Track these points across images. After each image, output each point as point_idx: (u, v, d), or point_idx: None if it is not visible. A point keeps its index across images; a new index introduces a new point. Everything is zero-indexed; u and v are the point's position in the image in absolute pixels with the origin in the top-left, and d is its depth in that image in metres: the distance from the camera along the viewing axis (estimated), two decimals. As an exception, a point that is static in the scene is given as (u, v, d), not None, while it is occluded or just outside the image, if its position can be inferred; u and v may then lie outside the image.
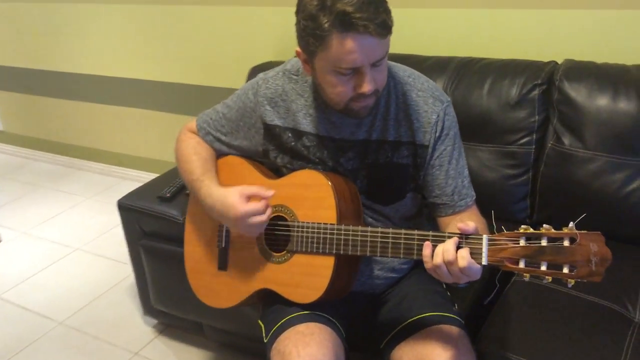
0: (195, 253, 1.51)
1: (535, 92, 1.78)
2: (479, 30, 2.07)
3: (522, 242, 1.04)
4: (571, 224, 1.02)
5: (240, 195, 1.30)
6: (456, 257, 1.06)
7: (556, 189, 1.75)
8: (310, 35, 1.13)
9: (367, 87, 1.16)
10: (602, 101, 1.67)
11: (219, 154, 1.49)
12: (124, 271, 2.56)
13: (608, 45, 1.86)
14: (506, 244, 1.05)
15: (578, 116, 1.70)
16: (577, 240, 0.99)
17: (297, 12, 1.17)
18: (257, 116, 1.38)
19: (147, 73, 3.08)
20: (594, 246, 0.99)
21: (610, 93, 1.66)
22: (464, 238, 1.08)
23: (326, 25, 1.09)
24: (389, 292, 1.44)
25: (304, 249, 1.30)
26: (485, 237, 1.07)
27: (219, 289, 1.46)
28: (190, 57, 2.87)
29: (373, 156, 1.33)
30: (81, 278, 2.56)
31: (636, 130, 1.63)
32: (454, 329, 1.28)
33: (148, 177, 3.33)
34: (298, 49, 1.22)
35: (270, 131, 1.38)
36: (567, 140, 1.72)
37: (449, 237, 1.10)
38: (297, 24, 1.17)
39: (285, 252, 1.33)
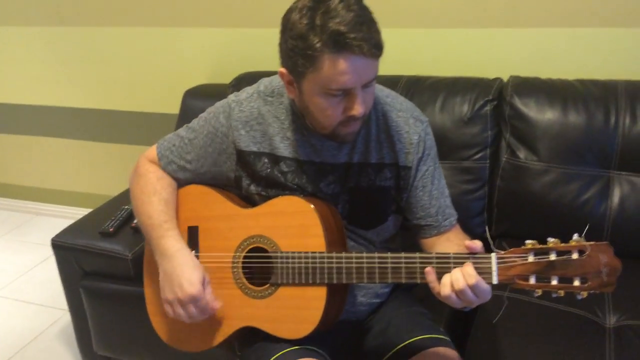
0: (156, 296, 1.37)
1: (487, 108, 1.81)
2: (422, 50, 2.10)
3: (531, 258, 1.02)
4: (576, 236, 1.01)
5: (203, 280, 1.23)
6: (463, 276, 1.03)
7: (513, 202, 1.78)
8: (300, 56, 1.07)
9: (358, 110, 1.11)
10: (553, 115, 1.73)
11: (182, 184, 1.38)
12: (51, 316, 2.33)
13: (549, 61, 1.94)
14: (515, 261, 1.03)
15: (531, 130, 1.75)
16: (587, 252, 0.99)
17: (283, 32, 1.10)
18: (230, 141, 1.29)
19: (62, 99, 2.85)
20: (604, 257, 0.99)
21: (560, 107, 1.73)
22: (471, 257, 1.05)
23: (318, 45, 1.04)
24: (372, 317, 1.38)
25: (290, 281, 1.21)
26: (494, 255, 1.04)
27: (190, 331, 1.33)
28: (114, 81, 2.69)
29: (355, 179, 1.28)
30: (2, 328, 2.30)
31: (587, 141, 1.69)
32: (448, 352, 1.24)
33: (68, 211, 3.09)
34: (282, 69, 1.15)
35: (244, 157, 1.29)
36: (521, 153, 1.76)
37: (455, 258, 1.07)
38: (284, 43, 1.11)
39: (268, 285, 1.24)
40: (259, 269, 1.26)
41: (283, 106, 1.28)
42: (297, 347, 1.21)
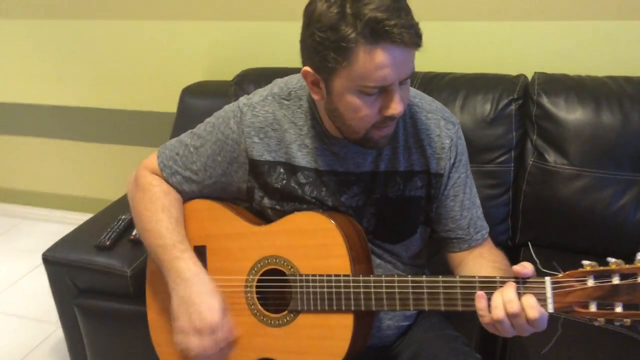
0: (162, 322, 1.24)
1: (512, 107, 1.69)
2: (437, 44, 1.96)
3: (591, 282, 0.90)
4: (639, 256, 0.89)
5: (224, 308, 1.10)
6: (522, 308, 0.90)
7: (540, 208, 1.66)
8: (331, 49, 0.94)
9: (397, 108, 0.98)
10: (585, 115, 1.60)
11: (187, 198, 1.24)
12: (43, 331, 2.19)
13: (575, 57, 1.82)
14: (573, 286, 0.90)
15: (560, 131, 1.63)
16: (656, 276, 0.87)
17: (308, 25, 0.97)
18: (241, 150, 1.16)
19: (51, 97, 2.69)
20: (677, 281, 0.86)
21: (592, 106, 1.60)
22: (521, 282, 0.93)
23: (352, 35, 0.91)
24: (399, 342, 1.26)
25: (312, 308, 1.08)
26: (548, 279, 0.91)
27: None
28: (107, 78, 2.54)
29: (381, 190, 1.15)
30: (-10, 345, 2.16)
31: (621, 144, 1.57)
32: (489, 382, 1.12)
33: (58, 215, 2.94)
34: (307, 68, 1.01)
35: (257, 167, 1.16)
36: (550, 156, 1.64)
37: (502, 282, 0.94)
38: (309, 38, 0.97)
39: (286, 312, 1.11)
40: (275, 294, 1.13)
41: (301, 110, 1.14)
42: (320, 380, 1.09)
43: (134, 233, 1.69)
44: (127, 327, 1.63)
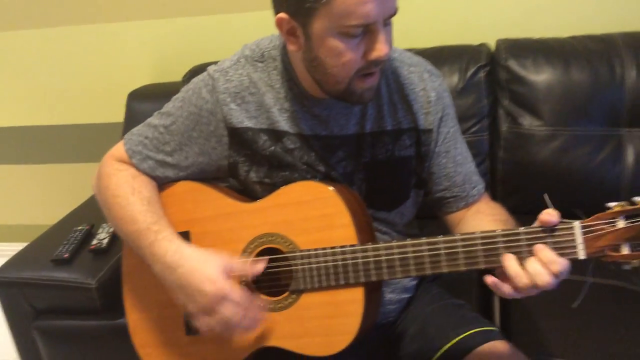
0: (147, 321, 1.12)
1: (480, 74, 1.66)
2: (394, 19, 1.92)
3: (622, 223, 0.84)
4: (668, 189, 0.84)
5: (223, 269, 0.96)
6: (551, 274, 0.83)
7: (519, 174, 1.63)
8: None
9: (383, 49, 0.90)
10: (554, 75, 1.58)
11: (162, 185, 1.12)
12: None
13: (533, 22, 1.80)
14: (604, 228, 0.85)
15: (532, 93, 1.60)
16: (688, 207, 0.82)
17: None
18: (218, 120, 1.05)
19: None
20: None
21: (561, 66, 1.59)
22: (550, 231, 0.86)
23: None
24: (404, 317, 1.18)
25: (316, 285, 0.99)
26: (577, 224, 0.85)
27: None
28: (40, 92, 2.34)
29: (370, 153, 1.08)
30: None
31: (593, 99, 1.56)
32: (506, 345, 1.06)
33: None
34: (281, 14, 0.92)
35: (238, 137, 1.06)
36: (524, 120, 1.61)
37: (527, 236, 0.87)
38: None
39: (287, 294, 1.01)
40: (275, 275, 1.03)
41: (277, 72, 1.05)
42: (329, 364, 0.99)
43: (94, 242, 1.54)
44: (95, 344, 1.49)
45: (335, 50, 0.91)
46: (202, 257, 0.98)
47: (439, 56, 1.70)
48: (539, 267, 0.84)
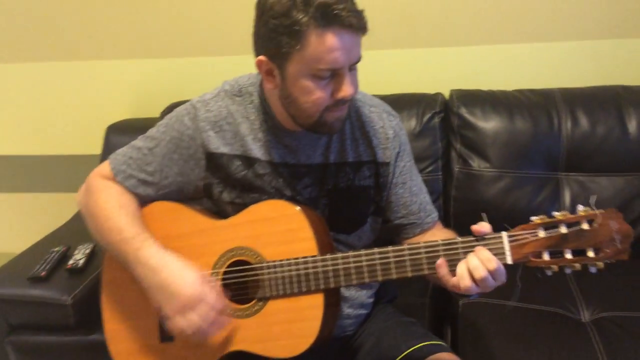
0: (124, 330, 1.21)
1: (435, 120, 1.84)
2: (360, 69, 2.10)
3: (542, 233, 0.99)
4: (581, 207, 0.99)
5: (201, 276, 1.09)
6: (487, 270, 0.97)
7: (470, 210, 1.78)
8: (284, 34, 1.00)
9: (348, 90, 1.04)
10: (501, 122, 1.77)
11: (143, 202, 1.23)
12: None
13: (483, 76, 2.00)
14: (527, 238, 0.99)
15: (480, 138, 1.78)
16: (596, 221, 0.97)
17: (261, 15, 1.03)
18: (198, 145, 1.18)
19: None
20: (614, 224, 0.97)
21: (506, 115, 1.77)
22: (481, 239, 1.00)
23: (304, 19, 0.98)
24: (361, 332, 1.29)
25: (281, 293, 1.10)
26: (504, 234, 1.00)
27: (165, 365, 1.17)
28: (19, 123, 2.44)
29: (333, 181, 1.21)
30: None
31: (534, 146, 1.75)
32: (452, 356, 1.17)
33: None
34: (261, 57, 1.07)
35: (215, 161, 1.18)
36: (473, 162, 1.78)
37: (463, 242, 1.01)
38: (262, 26, 1.03)
39: (255, 301, 1.12)
40: (243, 284, 1.14)
41: (253, 105, 1.19)
42: (291, 367, 1.09)
43: (70, 262, 1.62)
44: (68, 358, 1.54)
45: (306, 89, 1.05)
46: (182, 264, 1.09)
47: (399, 102, 1.87)
48: (477, 262, 0.97)
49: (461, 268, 0.99)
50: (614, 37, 1.91)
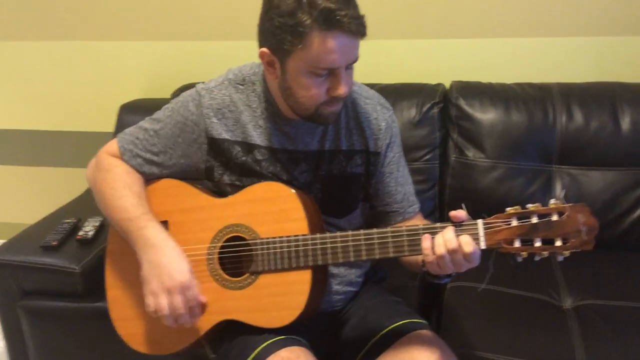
0: (124, 297, 1.30)
1: (434, 110, 1.89)
2: (365, 59, 2.15)
3: (515, 222, 1.06)
4: (554, 200, 1.06)
5: (190, 268, 1.17)
6: (459, 244, 1.04)
7: (463, 199, 1.81)
8: (288, 33, 1.06)
9: (343, 90, 1.12)
10: (497, 114, 1.83)
11: (148, 180, 1.32)
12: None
13: (484, 69, 2.05)
14: (500, 226, 1.06)
15: (477, 129, 1.84)
16: (566, 213, 1.04)
17: (267, 11, 1.10)
18: (201, 130, 1.25)
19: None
20: (581, 217, 1.04)
21: (503, 107, 1.83)
22: (459, 225, 1.08)
23: (307, 21, 1.04)
24: (348, 308, 1.37)
25: (272, 268, 1.18)
26: (480, 221, 1.07)
27: (162, 333, 1.25)
28: (38, 99, 2.53)
29: (326, 167, 1.29)
30: None
31: (529, 138, 1.81)
32: (430, 334, 1.25)
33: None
34: (264, 49, 1.14)
35: (216, 146, 1.26)
36: (469, 152, 1.84)
37: (442, 227, 1.08)
38: (268, 22, 1.10)
39: (247, 275, 1.20)
40: (238, 259, 1.22)
41: (255, 94, 1.26)
42: (281, 336, 1.17)
43: (80, 233, 1.71)
44: (74, 325, 1.64)
45: (304, 85, 1.12)
46: (180, 253, 1.18)
47: (401, 91, 1.94)
48: (440, 240, 1.06)
49: (438, 239, 1.07)
50: (615, 34, 1.95)
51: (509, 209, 1.07)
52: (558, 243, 1.04)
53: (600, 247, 1.08)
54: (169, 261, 1.15)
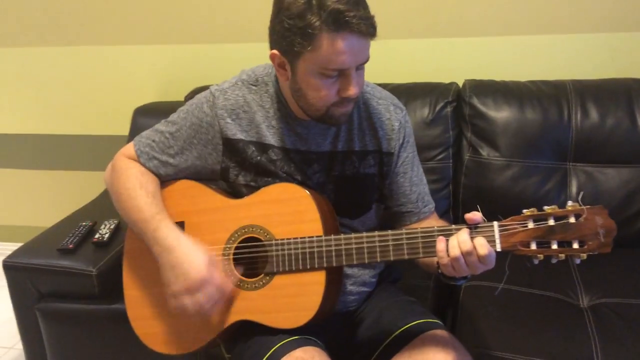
0: (141, 297, 1.31)
1: (447, 109, 1.88)
2: (379, 58, 2.14)
3: (531, 224, 1.05)
4: (571, 202, 1.05)
5: (209, 260, 1.17)
6: (474, 247, 1.04)
7: (478, 198, 1.84)
8: (298, 35, 1.07)
9: (353, 91, 1.12)
10: (511, 112, 1.81)
11: (164, 181, 1.33)
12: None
13: (498, 67, 2.04)
14: (516, 228, 1.05)
15: (491, 127, 1.83)
16: (583, 216, 1.03)
17: (277, 13, 1.10)
18: (216, 131, 1.26)
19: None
20: (599, 219, 1.03)
21: (517, 105, 1.82)
22: (474, 227, 1.07)
23: (317, 23, 1.04)
24: (363, 309, 1.37)
25: (287, 269, 1.18)
26: (496, 223, 1.06)
27: (179, 332, 1.27)
28: (54, 104, 2.56)
29: (339, 168, 1.29)
30: None
31: (544, 136, 1.79)
32: (445, 334, 1.24)
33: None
34: (274, 51, 1.14)
35: (231, 146, 1.26)
36: (483, 150, 1.83)
37: (457, 230, 1.08)
38: (278, 24, 1.10)
39: (262, 275, 1.20)
40: (253, 259, 1.22)
41: (268, 95, 1.27)
42: (296, 337, 1.18)
43: (96, 236, 1.73)
44: (91, 327, 1.66)
45: (314, 86, 1.12)
46: (195, 248, 1.18)
47: (414, 91, 1.94)
48: (454, 242, 1.05)
49: (453, 241, 1.06)
50: (629, 30, 1.93)
51: (525, 211, 1.06)
52: (575, 246, 1.03)
53: (617, 245, 1.06)
54: (183, 260, 1.16)
